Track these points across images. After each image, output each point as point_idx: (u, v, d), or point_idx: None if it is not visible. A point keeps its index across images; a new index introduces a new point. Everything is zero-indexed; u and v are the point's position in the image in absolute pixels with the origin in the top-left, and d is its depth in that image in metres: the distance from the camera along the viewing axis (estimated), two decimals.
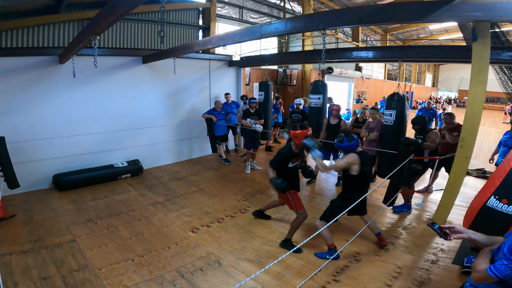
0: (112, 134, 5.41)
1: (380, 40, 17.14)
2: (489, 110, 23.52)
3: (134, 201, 4.42)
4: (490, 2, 1.93)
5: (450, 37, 17.36)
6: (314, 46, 10.98)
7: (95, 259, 2.95)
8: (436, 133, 3.88)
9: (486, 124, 14.83)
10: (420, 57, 4.65)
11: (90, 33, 2.98)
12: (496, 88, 10.44)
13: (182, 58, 5.94)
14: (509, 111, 17.79)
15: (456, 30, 16.90)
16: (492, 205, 1.95)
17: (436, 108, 24.55)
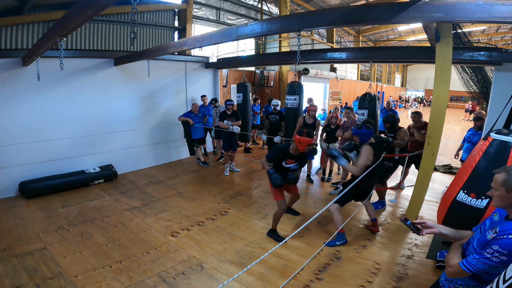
0: (83, 139, 5.17)
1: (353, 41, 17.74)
2: (453, 108, 25.10)
3: (109, 207, 4.26)
4: (451, 3, 2.05)
5: (417, 38, 18.34)
6: (290, 48, 11.15)
7: (69, 266, 2.85)
8: (405, 131, 4.07)
9: (451, 122, 15.81)
10: (389, 58, 4.86)
11: (55, 35, 2.85)
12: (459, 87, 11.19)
13: (157, 60, 5.80)
14: (469, 109, 19.05)
15: (422, 31, 17.86)
16: (461, 200, 2.05)
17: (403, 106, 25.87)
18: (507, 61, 3.71)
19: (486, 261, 1.22)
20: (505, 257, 1.18)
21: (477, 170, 2.01)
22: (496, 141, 1.94)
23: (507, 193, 1.24)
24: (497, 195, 1.29)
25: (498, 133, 1.95)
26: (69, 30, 2.73)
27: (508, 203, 1.26)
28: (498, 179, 1.28)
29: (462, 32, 4.80)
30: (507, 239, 1.19)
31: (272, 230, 3.48)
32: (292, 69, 10.67)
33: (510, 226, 1.24)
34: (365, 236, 3.51)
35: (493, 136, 1.96)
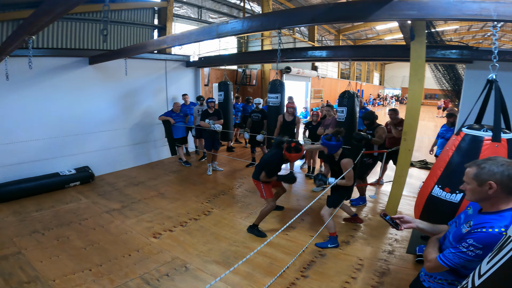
0: (57, 140, 4.94)
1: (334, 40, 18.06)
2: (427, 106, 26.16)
3: (86, 210, 4.11)
4: (424, 1, 2.12)
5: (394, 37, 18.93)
6: (272, 46, 11.17)
7: (47, 270, 2.76)
8: (383, 128, 4.18)
9: (425, 119, 16.47)
10: (367, 56, 4.98)
11: (24, 33, 2.73)
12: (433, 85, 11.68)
13: (135, 59, 5.63)
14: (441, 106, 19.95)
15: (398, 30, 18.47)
16: (437, 194, 2.07)
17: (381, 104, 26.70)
18: (478, 59, 3.86)
19: (462, 255, 1.22)
20: (480, 251, 1.18)
21: (450, 165, 2.05)
22: (468, 136, 1.98)
23: (479, 187, 1.25)
24: (469, 189, 1.30)
25: (470, 128, 2.00)
26: (38, 28, 2.63)
27: (481, 197, 1.27)
28: (470, 173, 1.28)
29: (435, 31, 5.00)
30: (481, 232, 1.19)
31: (254, 225, 3.51)
32: (274, 67, 10.71)
33: (483, 219, 1.24)
34: (347, 232, 3.59)
35: (465, 131, 2.01)
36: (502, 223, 1.17)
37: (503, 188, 1.20)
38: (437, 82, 8.55)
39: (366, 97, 24.51)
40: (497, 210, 1.23)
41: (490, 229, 1.17)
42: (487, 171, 1.22)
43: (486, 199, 1.26)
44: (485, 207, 1.29)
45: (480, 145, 1.91)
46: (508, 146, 1.88)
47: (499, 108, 1.87)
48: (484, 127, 1.96)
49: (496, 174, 1.20)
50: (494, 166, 1.21)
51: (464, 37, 18.09)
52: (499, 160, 1.23)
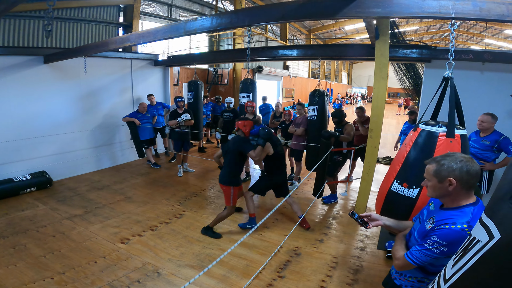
0: (8, 144, 4.50)
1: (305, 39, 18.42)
2: (391, 104, 27.61)
3: (44, 216, 3.82)
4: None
5: (361, 37, 19.74)
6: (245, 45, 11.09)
7: (4, 279, 2.62)
8: (351, 125, 4.28)
9: (389, 117, 17.37)
10: (335, 55, 5.09)
11: None
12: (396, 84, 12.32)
13: (97, 57, 5.30)
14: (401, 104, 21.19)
15: (365, 31, 19.30)
16: (395, 190, 2.09)
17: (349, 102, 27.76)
18: (436, 58, 4.07)
19: (428, 252, 1.21)
20: (445, 248, 1.17)
21: (408, 160, 2.09)
22: (424, 131, 2.03)
23: (439, 183, 1.26)
24: (430, 186, 1.30)
25: (426, 124, 2.06)
26: None
27: (441, 193, 1.27)
28: (430, 170, 1.29)
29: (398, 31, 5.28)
30: (444, 229, 1.19)
31: (208, 227, 3.45)
32: (246, 66, 10.66)
33: (445, 215, 1.25)
34: (321, 230, 3.63)
35: (421, 127, 2.07)
36: (464, 219, 1.18)
37: (462, 184, 1.22)
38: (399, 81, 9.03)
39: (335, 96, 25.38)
40: (458, 205, 1.25)
41: (452, 226, 1.18)
42: (446, 168, 1.23)
43: (446, 195, 1.27)
44: (446, 203, 1.31)
45: (435, 141, 1.95)
46: (462, 142, 1.94)
47: (453, 104, 1.94)
48: (439, 123, 2.01)
49: (455, 170, 1.21)
50: (453, 163, 1.22)
51: (423, 37, 19.29)
52: (457, 156, 1.25)
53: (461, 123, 2.10)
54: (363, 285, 2.66)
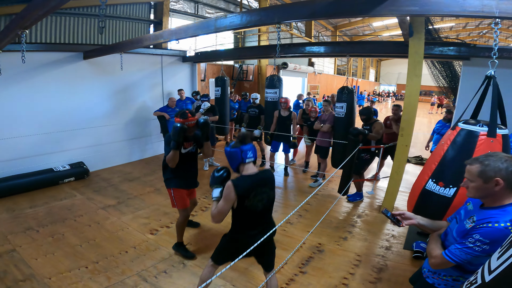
0: (50, 136, 4.85)
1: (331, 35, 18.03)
2: (423, 102, 26.33)
3: (81, 206, 4.06)
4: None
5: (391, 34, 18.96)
6: (270, 42, 11.11)
7: (42, 268, 2.72)
8: (380, 123, 4.16)
9: (420, 115, 16.58)
10: (364, 52, 4.98)
11: (17, 27, 2.67)
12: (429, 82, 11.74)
13: (131, 54, 5.55)
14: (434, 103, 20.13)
15: (395, 27, 18.55)
16: (430, 188, 2.07)
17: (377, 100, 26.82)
18: (475, 56, 3.88)
19: (468, 250, 1.21)
20: (487, 246, 1.17)
21: (445, 159, 2.05)
22: (463, 130, 1.98)
23: (484, 184, 1.23)
24: (473, 187, 1.28)
25: (466, 123, 2.01)
26: (31, 22, 2.58)
27: (486, 193, 1.25)
28: (474, 171, 1.26)
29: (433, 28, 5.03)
30: (487, 227, 1.18)
31: (179, 244, 2.99)
32: (271, 63, 10.64)
33: (488, 214, 1.23)
34: (345, 228, 3.59)
35: (461, 126, 2.01)
36: (507, 218, 1.17)
37: (507, 184, 1.20)
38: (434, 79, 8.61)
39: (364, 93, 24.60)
40: (500, 204, 1.23)
41: (496, 224, 1.17)
42: (492, 168, 1.21)
43: (490, 195, 1.25)
44: (487, 203, 1.29)
45: (476, 140, 1.92)
46: (503, 142, 1.89)
47: (496, 104, 1.88)
48: (480, 122, 1.96)
49: (502, 170, 1.20)
50: (499, 163, 1.21)
51: (459, 34, 18.20)
52: (501, 156, 1.23)
53: (503, 123, 2.01)
54: (386, 284, 2.61)
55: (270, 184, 2.01)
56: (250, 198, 1.88)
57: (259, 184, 1.93)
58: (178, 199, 2.85)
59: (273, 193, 2.03)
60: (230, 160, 2.00)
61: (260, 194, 1.92)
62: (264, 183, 1.95)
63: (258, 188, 1.91)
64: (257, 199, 1.91)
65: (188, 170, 2.92)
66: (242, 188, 1.86)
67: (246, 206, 1.89)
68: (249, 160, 1.96)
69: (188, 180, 2.92)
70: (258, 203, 1.93)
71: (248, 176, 1.93)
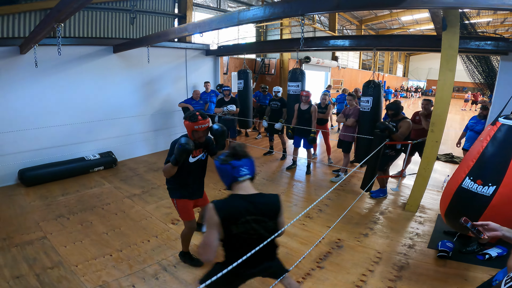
0: (82, 126, 5.12)
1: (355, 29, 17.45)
2: (455, 98, 24.94)
3: (109, 195, 4.24)
4: None
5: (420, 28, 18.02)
6: (292, 36, 10.96)
7: (70, 255, 2.82)
8: (408, 122, 3.89)
9: (452, 112, 15.72)
10: (392, 46, 4.77)
11: (52, 21, 2.76)
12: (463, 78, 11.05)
13: (156, 47, 5.70)
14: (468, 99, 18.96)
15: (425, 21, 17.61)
16: (467, 187, 1.98)
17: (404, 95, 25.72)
18: None
19: None
20: None
21: (484, 156, 1.95)
22: (504, 126, 1.88)
23: None
24: None
25: (507, 118, 1.89)
26: (67, 15, 2.65)
27: None
28: None
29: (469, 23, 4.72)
30: None
31: (184, 253, 2.82)
32: (293, 57, 10.52)
33: None
34: (366, 224, 3.51)
35: (502, 121, 1.90)
36: None
37: None
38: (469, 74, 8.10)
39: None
40: None
41: None
42: None
43: None
44: None
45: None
46: None
47: None
48: None
49: None
50: None
51: (497, 29, 16.97)
52: None
53: None
54: (407, 282, 2.52)
55: (270, 212, 1.59)
56: (238, 225, 1.51)
57: (253, 210, 1.54)
58: (182, 210, 2.60)
59: (273, 224, 1.58)
60: (221, 177, 1.66)
61: (252, 222, 1.53)
62: (260, 210, 1.55)
63: (250, 214, 1.53)
64: (248, 227, 1.53)
65: (194, 182, 2.60)
66: (226, 210, 1.50)
67: (235, 235, 1.51)
68: (243, 178, 1.59)
69: (194, 190, 2.63)
70: (250, 233, 1.54)
71: (239, 196, 1.56)
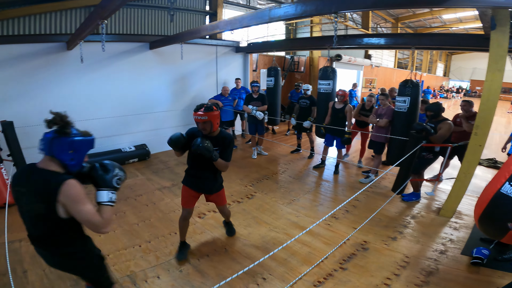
0: (120, 119, 5.43)
1: (391, 27, 16.64)
2: (501, 100, 22.90)
3: (141, 186, 4.43)
4: None
5: (465, 27, 16.72)
6: (322, 33, 10.73)
7: (103, 245, 2.91)
8: (449, 124, 3.62)
9: (498, 114, 14.48)
10: (433, 44, 4.49)
11: (97, 17, 2.93)
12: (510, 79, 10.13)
13: (189, 44, 5.88)
14: None
15: (470, 20, 16.31)
16: (506, 192, 1.84)
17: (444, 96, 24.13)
18: None
19: None
20: None
21: None
22: None
23: None
24: None
25: None
26: (110, 11, 2.78)
27: None
28: None
29: None
30: None
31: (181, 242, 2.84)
32: (323, 54, 10.30)
33: None
34: (395, 228, 3.37)
35: None
36: None
37: None
38: None
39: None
40: None
41: None
42: None
43: None
44: None
45: None
46: None
47: None
48: None
49: None
50: None
51: None
52: None
53: None
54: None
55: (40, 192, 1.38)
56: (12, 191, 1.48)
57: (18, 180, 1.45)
58: (182, 195, 2.70)
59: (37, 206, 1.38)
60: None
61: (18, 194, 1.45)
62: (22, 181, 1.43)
63: (21, 186, 1.43)
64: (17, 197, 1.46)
65: (199, 175, 2.63)
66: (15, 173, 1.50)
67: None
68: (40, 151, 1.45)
69: (198, 182, 2.65)
70: (19, 204, 1.46)
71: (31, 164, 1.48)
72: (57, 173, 1.41)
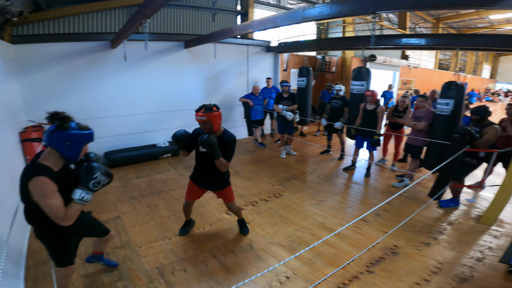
0: (156, 115, 5.71)
1: (431, 27, 15.67)
2: None
3: (174, 181, 4.58)
4: None
5: None
6: (355, 33, 10.40)
7: (136, 236, 3.05)
8: (495, 129, 3.36)
9: None
10: (478, 45, 4.19)
11: (141, 16, 3.06)
12: None
13: (221, 44, 6.03)
14: None
15: None
16: None
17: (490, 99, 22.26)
18: None
19: None
20: None
21: None
22: None
23: None
24: None
25: None
26: (153, 11, 2.90)
27: None
28: None
29: None
30: None
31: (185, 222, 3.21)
32: (357, 55, 9.99)
33: None
34: (430, 233, 3.20)
35: None
36: None
37: None
38: None
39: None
40: None
41: None
42: None
43: None
44: None
45: None
46: None
47: None
48: None
49: None
50: None
51: None
52: None
53: None
54: None
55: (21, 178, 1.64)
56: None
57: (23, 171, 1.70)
58: (187, 189, 2.95)
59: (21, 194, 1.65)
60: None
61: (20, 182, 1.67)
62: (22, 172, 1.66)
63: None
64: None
65: (203, 172, 2.81)
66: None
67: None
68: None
69: (201, 178, 2.85)
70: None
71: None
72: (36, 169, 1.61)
